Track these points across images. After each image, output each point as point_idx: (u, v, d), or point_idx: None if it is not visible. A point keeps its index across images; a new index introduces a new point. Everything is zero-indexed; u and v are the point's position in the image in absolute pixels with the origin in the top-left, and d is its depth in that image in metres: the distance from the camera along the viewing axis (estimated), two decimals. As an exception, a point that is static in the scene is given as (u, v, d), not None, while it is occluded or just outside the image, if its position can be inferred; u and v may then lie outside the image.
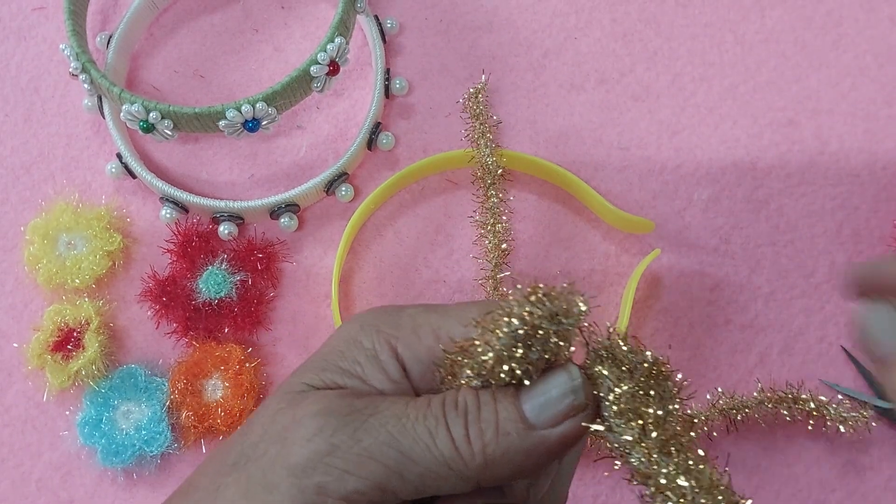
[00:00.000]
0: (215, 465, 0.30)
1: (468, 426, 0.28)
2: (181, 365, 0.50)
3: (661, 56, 0.55)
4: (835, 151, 0.53)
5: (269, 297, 0.52)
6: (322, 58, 0.48)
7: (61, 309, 0.51)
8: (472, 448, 0.28)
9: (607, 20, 0.56)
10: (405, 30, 0.56)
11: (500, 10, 0.57)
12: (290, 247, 0.53)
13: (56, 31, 0.57)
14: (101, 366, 0.50)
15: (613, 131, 0.54)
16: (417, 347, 0.30)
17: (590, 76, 0.55)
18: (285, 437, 0.28)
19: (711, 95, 0.54)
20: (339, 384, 0.30)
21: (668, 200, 0.53)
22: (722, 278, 0.51)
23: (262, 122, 0.48)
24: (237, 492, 0.28)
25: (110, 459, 0.49)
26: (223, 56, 0.56)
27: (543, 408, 0.29)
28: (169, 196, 0.52)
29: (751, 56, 0.55)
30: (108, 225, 0.52)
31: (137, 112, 0.48)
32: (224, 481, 0.29)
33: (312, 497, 0.27)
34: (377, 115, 0.53)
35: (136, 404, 0.50)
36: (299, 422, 0.28)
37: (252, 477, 0.28)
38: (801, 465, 0.49)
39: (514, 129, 0.54)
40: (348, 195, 0.53)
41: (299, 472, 0.27)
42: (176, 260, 0.51)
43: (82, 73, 0.50)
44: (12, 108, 0.56)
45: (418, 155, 0.54)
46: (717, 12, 0.56)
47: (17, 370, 0.51)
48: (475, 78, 0.55)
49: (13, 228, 0.54)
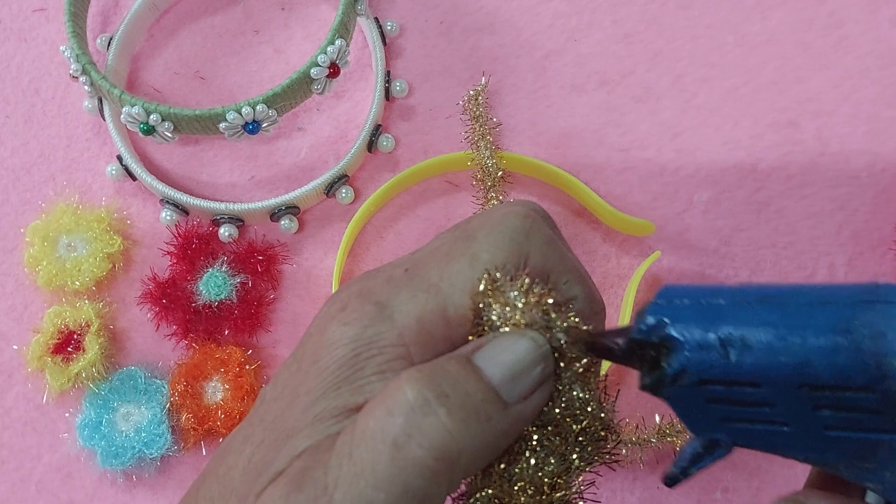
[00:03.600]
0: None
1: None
2: (181, 367, 0.50)
3: (662, 57, 0.55)
4: (835, 153, 0.53)
5: (270, 300, 0.52)
6: (322, 60, 0.48)
7: (61, 311, 0.51)
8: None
9: (608, 21, 0.56)
10: (405, 32, 0.56)
11: (500, 11, 0.56)
12: (290, 249, 0.53)
13: (57, 32, 0.57)
14: (101, 368, 0.50)
15: (614, 133, 0.54)
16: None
17: (591, 78, 0.55)
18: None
19: (712, 97, 0.54)
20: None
21: (669, 202, 0.53)
22: (722, 280, 0.51)
23: (263, 124, 0.48)
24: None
25: (110, 461, 0.49)
26: (224, 57, 0.56)
27: (514, 380, 0.27)
28: (169, 198, 0.52)
29: (752, 57, 0.55)
30: (108, 227, 0.52)
31: (138, 114, 0.48)
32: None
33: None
34: (377, 117, 0.53)
35: (136, 406, 0.50)
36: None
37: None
38: (802, 467, 0.48)
39: (514, 131, 0.54)
40: (348, 197, 0.53)
41: None
42: (176, 262, 0.51)
43: (83, 74, 0.50)
44: (13, 109, 0.56)
45: (418, 157, 0.54)
46: (719, 14, 0.56)
47: (18, 372, 0.51)
48: (475, 80, 0.55)
49: (13, 230, 0.54)
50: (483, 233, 0.29)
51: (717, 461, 0.27)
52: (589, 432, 0.28)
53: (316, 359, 0.28)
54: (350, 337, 0.27)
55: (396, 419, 0.25)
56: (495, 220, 0.29)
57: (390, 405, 0.25)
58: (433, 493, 0.25)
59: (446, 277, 0.28)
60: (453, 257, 0.28)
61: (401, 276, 0.29)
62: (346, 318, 0.28)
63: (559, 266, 0.29)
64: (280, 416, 0.28)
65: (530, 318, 0.27)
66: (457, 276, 0.28)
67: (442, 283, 0.28)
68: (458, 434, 0.25)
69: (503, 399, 0.26)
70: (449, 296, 0.28)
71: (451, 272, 0.28)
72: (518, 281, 0.27)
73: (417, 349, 0.27)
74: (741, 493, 0.48)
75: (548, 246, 0.29)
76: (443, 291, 0.28)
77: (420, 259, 0.29)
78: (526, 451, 0.27)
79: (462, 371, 0.26)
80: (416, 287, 0.28)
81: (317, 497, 0.25)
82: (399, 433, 0.25)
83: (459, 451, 0.25)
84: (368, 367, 0.27)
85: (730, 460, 0.49)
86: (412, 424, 0.25)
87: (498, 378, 0.26)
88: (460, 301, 0.28)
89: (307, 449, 0.26)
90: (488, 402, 0.26)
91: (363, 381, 0.27)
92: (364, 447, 0.25)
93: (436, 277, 0.28)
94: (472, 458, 0.26)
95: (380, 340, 0.27)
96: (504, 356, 0.27)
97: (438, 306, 0.28)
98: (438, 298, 0.28)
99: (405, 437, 0.25)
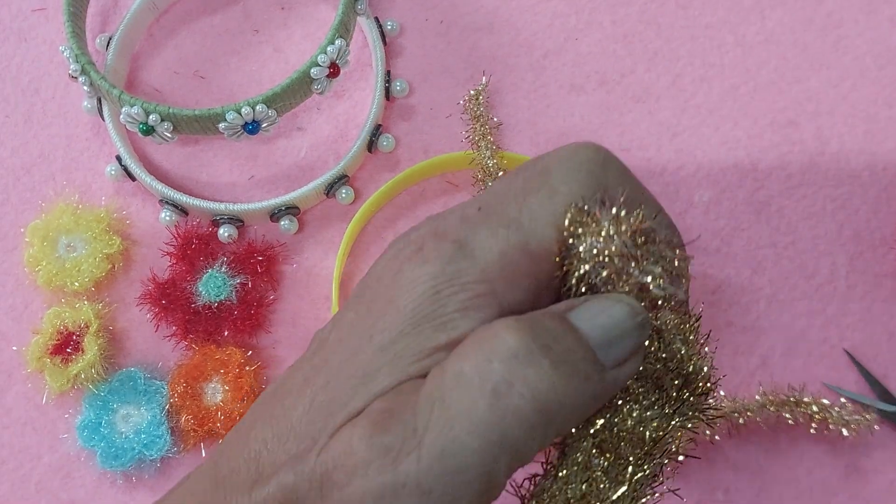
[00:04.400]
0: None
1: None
2: (181, 368, 0.50)
3: (661, 57, 0.55)
4: (835, 153, 0.53)
5: (270, 300, 0.52)
6: (322, 60, 0.48)
7: (60, 312, 0.51)
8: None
9: (608, 21, 0.56)
10: (405, 31, 0.56)
11: (500, 11, 0.56)
12: (290, 249, 0.53)
13: (56, 32, 0.57)
14: (101, 369, 0.50)
15: (614, 132, 0.54)
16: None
17: (590, 77, 0.55)
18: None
19: (712, 97, 0.54)
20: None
21: (669, 202, 0.53)
22: (723, 280, 0.51)
23: (262, 124, 0.48)
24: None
25: (110, 462, 0.49)
26: (223, 57, 0.56)
27: (611, 343, 0.25)
28: (168, 198, 0.52)
29: (751, 57, 0.55)
30: (107, 227, 0.52)
31: (137, 114, 0.48)
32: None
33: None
34: (377, 117, 0.53)
35: (136, 408, 0.50)
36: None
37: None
38: (803, 468, 0.49)
39: (514, 131, 0.54)
40: (349, 197, 0.53)
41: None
42: (175, 262, 0.51)
43: (82, 74, 0.50)
44: (12, 109, 0.56)
45: (419, 157, 0.54)
46: (718, 14, 0.56)
47: (17, 373, 0.51)
48: (475, 79, 0.55)
49: (13, 230, 0.54)
50: (557, 165, 0.28)
51: None
52: (690, 387, 0.27)
53: (391, 298, 0.27)
54: (430, 274, 0.26)
55: (496, 365, 0.24)
56: (568, 153, 0.28)
57: (488, 350, 0.24)
58: (527, 446, 0.24)
59: (526, 212, 0.27)
60: (530, 192, 0.27)
61: (475, 214, 0.27)
62: (424, 258, 0.27)
63: (639, 197, 0.28)
64: (350, 357, 0.27)
65: (624, 250, 0.26)
66: (537, 209, 0.27)
67: (522, 218, 0.27)
68: (561, 387, 0.24)
69: (600, 361, 0.25)
70: (530, 230, 0.27)
71: (531, 205, 0.27)
72: (607, 210, 0.26)
73: (502, 285, 0.26)
74: (743, 494, 0.48)
75: (625, 176, 0.28)
76: (524, 226, 0.27)
77: (493, 197, 0.28)
78: (627, 405, 0.26)
79: (560, 326, 0.25)
80: (496, 223, 0.27)
81: (406, 439, 0.24)
82: (500, 380, 0.24)
83: (560, 406, 0.24)
84: (451, 303, 0.26)
85: (732, 461, 0.49)
86: (514, 373, 0.24)
87: (595, 339, 0.25)
88: (543, 234, 0.27)
89: (388, 389, 0.25)
90: (587, 362, 0.25)
91: (446, 318, 0.26)
92: (459, 392, 0.24)
93: (514, 212, 0.27)
94: (568, 416, 0.25)
95: (462, 277, 0.26)
96: (601, 318, 0.26)
97: (520, 241, 0.26)
98: (520, 233, 0.27)
99: (506, 384, 0.24)
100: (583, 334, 0.25)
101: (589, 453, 0.26)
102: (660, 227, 0.27)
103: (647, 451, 0.26)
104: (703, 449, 0.49)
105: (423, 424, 0.24)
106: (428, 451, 0.23)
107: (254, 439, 0.27)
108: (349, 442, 0.24)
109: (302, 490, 0.25)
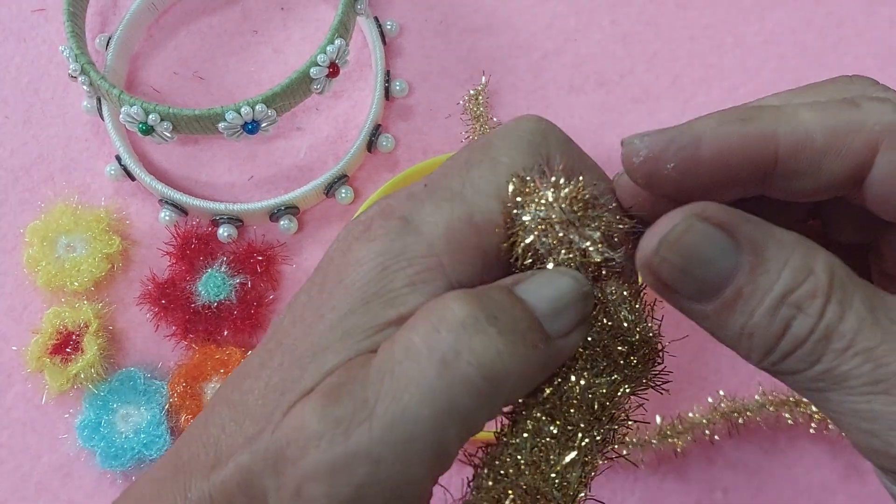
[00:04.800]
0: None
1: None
2: (180, 368, 0.50)
3: (660, 58, 0.55)
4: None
5: (269, 300, 0.52)
6: (322, 59, 0.48)
7: (60, 311, 0.51)
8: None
9: (607, 22, 0.56)
10: (405, 31, 0.56)
11: (499, 11, 0.56)
12: (289, 249, 0.53)
13: (56, 32, 0.57)
14: (100, 369, 0.50)
15: (613, 133, 0.54)
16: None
17: (589, 78, 0.55)
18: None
19: (711, 97, 0.54)
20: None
21: (669, 202, 0.53)
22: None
23: (262, 123, 0.48)
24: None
25: (109, 462, 0.49)
26: (223, 57, 0.56)
27: (556, 314, 0.26)
28: (168, 198, 0.52)
29: (751, 58, 0.55)
30: (107, 227, 0.52)
31: (136, 114, 0.48)
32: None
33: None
34: (377, 117, 0.53)
35: (136, 407, 0.50)
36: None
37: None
38: (802, 468, 0.49)
39: (514, 131, 0.54)
40: (348, 197, 0.53)
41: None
42: (175, 262, 0.51)
43: (82, 74, 0.50)
44: (12, 109, 0.56)
45: (418, 157, 0.54)
46: (717, 14, 0.56)
47: (17, 373, 0.51)
48: (475, 79, 0.55)
49: (13, 230, 0.54)
50: (499, 138, 0.28)
51: None
52: (637, 354, 0.27)
53: (340, 278, 0.27)
54: (377, 251, 0.26)
55: (444, 335, 0.24)
56: (510, 126, 0.29)
57: (436, 322, 0.25)
58: (476, 414, 0.25)
59: (468, 184, 0.27)
60: (472, 164, 0.28)
61: (421, 190, 0.28)
62: (372, 236, 0.27)
63: (581, 165, 0.28)
64: (302, 337, 0.27)
65: (564, 217, 0.26)
66: (479, 181, 0.27)
67: (465, 191, 0.27)
68: (508, 355, 0.24)
69: (546, 331, 0.26)
70: (474, 202, 0.27)
71: (473, 178, 0.27)
72: (548, 179, 0.27)
73: (448, 258, 0.26)
74: (742, 493, 0.48)
75: (566, 145, 0.29)
76: (467, 198, 0.27)
77: (438, 172, 0.28)
78: (574, 374, 0.27)
79: (507, 298, 0.26)
80: (440, 197, 0.27)
81: (356, 410, 0.24)
82: (448, 349, 0.24)
83: (507, 374, 0.25)
84: (398, 278, 0.26)
85: (730, 460, 0.49)
86: (462, 342, 0.24)
87: (541, 310, 0.26)
88: (487, 206, 0.27)
89: (340, 365, 0.25)
90: (534, 331, 0.25)
91: (394, 293, 0.26)
92: (408, 363, 0.24)
93: (458, 186, 0.27)
94: (516, 384, 0.25)
95: (408, 252, 0.26)
96: (546, 290, 0.26)
97: (465, 213, 0.27)
98: (464, 206, 0.27)
99: (454, 353, 0.24)
100: (529, 305, 0.26)
101: (539, 421, 0.26)
102: (602, 195, 0.28)
103: (596, 416, 0.27)
104: (702, 448, 0.49)
105: (374, 395, 0.24)
106: (379, 421, 0.24)
107: (212, 424, 0.27)
108: (301, 417, 0.25)
109: (257, 469, 0.25)
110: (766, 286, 0.24)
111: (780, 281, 0.24)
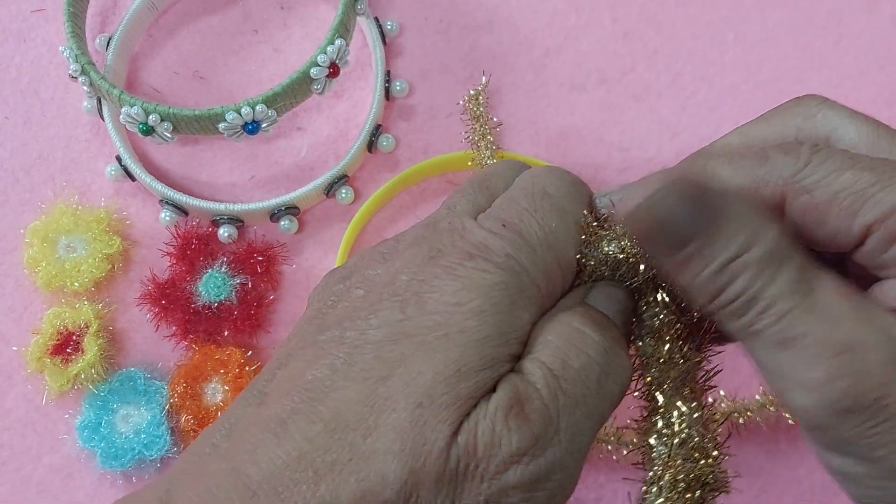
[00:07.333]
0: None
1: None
2: (181, 368, 0.50)
3: (661, 55, 0.55)
4: (837, 152, 0.53)
5: (270, 300, 0.52)
6: (322, 60, 0.48)
7: (60, 312, 0.51)
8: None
9: (608, 19, 0.56)
10: (405, 31, 0.56)
11: (499, 9, 0.56)
12: (290, 249, 0.53)
13: (56, 33, 0.57)
14: (101, 369, 0.50)
15: (614, 131, 0.54)
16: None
17: (590, 76, 0.55)
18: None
19: (712, 95, 0.54)
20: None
21: (670, 201, 0.52)
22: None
23: (262, 124, 0.48)
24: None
25: (110, 463, 0.49)
26: (223, 57, 0.56)
27: (623, 324, 0.32)
28: (168, 198, 0.52)
29: (752, 56, 0.55)
30: (107, 227, 0.52)
31: (137, 114, 0.48)
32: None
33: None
34: (377, 117, 0.53)
35: (136, 408, 0.50)
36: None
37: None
38: (803, 468, 0.49)
39: (514, 130, 0.54)
40: (349, 197, 0.53)
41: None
42: (175, 263, 0.51)
43: (82, 74, 0.50)
44: (12, 110, 0.56)
45: (419, 157, 0.54)
46: (718, 12, 0.56)
47: (17, 373, 0.51)
48: (475, 78, 0.55)
49: (13, 231, 0.54)
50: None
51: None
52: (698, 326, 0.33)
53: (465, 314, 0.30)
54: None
55: (594, 357, 0.30)
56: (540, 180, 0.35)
57: (581, 346, 0.30)
58: (606, 419, 0.31)
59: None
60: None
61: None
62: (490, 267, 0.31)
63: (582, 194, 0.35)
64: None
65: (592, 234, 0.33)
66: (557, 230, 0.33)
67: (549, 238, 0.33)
68: (630, 370, 0.31)
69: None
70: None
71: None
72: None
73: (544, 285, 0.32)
74: (743, 494, 0.48)
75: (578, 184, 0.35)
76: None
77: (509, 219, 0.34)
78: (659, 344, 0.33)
79: (605, 320, 0.31)
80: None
81: (546, 426, 0.28)
82: (601, 372, 0.30)
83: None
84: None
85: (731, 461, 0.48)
86: (608, 365, 0.30)
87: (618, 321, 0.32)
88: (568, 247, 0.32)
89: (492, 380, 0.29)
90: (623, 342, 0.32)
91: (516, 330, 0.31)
92: (575, 383, 0.29)
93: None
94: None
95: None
96: (615, 305, 0.32)
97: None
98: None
99: (605, 375, 0.30)
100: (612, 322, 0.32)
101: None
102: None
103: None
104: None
105: (556, 413, 0.28)
106: (564, 434, 0.28)
107: (288, 439, 0.28)
108: (489, 431, 0.28)
109: (424, 480, 0.27)
110: (714, 254, 0.28)
111: (725, 251, 0.28)
